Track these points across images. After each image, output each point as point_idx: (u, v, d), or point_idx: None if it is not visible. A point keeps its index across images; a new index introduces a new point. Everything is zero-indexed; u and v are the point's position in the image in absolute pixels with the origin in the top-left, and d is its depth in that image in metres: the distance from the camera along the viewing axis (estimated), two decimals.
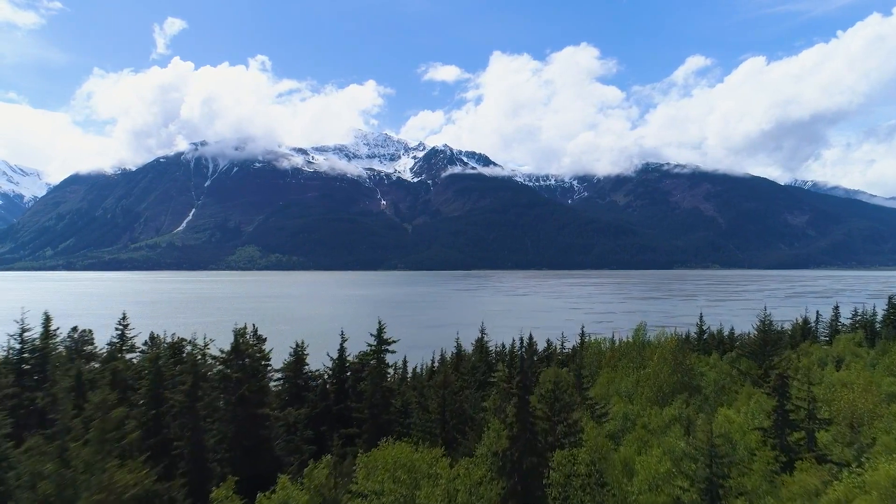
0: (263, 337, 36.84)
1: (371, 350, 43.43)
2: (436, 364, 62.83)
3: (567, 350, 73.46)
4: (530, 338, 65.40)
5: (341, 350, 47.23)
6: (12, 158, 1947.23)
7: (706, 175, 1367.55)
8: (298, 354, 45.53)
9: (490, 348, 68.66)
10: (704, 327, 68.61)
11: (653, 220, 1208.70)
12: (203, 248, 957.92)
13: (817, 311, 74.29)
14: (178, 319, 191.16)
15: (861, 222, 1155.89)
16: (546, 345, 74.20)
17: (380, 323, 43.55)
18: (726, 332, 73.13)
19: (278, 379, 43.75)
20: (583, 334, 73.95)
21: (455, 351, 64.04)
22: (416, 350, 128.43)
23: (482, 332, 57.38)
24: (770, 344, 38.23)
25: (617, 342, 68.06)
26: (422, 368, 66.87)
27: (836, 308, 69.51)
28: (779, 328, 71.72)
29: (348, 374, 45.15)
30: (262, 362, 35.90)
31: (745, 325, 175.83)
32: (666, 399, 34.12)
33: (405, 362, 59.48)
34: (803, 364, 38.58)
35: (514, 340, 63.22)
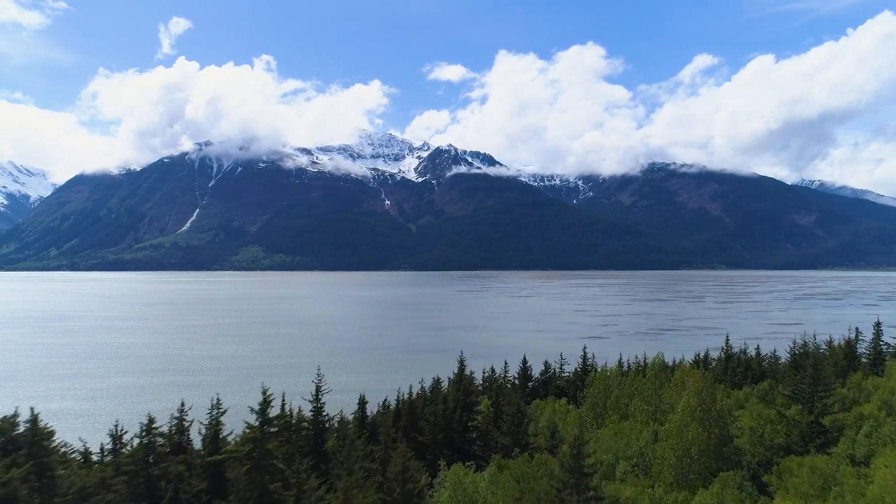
0: (48, 429, 20.50)
1: (251, 432, 24.05)
2: (402, 402, 47.40)
3: (567, 374, 65.10)
4: (524, 362, 58.75)
5: (214, 425, 28.37)
6: (18, 159, 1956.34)
7: (713, 175, 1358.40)
8: (152, 436, 26.44)
9: (476, 377, 56.23)
10: (731, 350, 60.15)
11: (659, 220, 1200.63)
12: (207, 249, 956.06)
13: (857, 329, 63.98)
14: (180, 322, 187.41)
15: (869, 222, 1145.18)
16: (543, 367, 65.85)
17: (265, 394, 25.62)
18: (752, 351, 64.80)
19: (124, 473, 25.10)
20: (585, 358, 64.79)
21: (430, 387, 50.73)
22: (415, 355, 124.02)
23: (461, 363, 46.90)
24: (821, 383, 31.57)
25: (626, 366, 59.91)
26: (400, 399, 50.81)
27: (878, 325, 57.73)
28: (812, 347, 62.42)
29: (224, 460, 26.25)
30: (46, 473, 19.21)
31: (755, 328, 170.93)
32: (695, 466, 27.06)
33: (364, 402, 43.26)
34: (866, 411, 32.41)
35: (505, 365, 56.67)
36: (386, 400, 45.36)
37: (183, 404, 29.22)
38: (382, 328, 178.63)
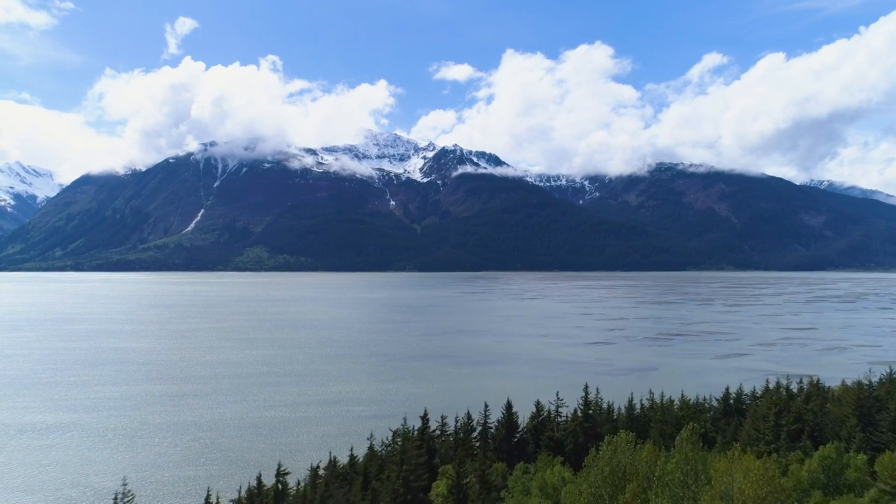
0: None
1: None
2: (315, 487, 37.18)
3: (563, 418, 49.98)
4: (509, 408, 46.22)
5: None
6: (26, 159, 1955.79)
7: (721, 175, 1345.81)
8: None
9: (448, 423, 44.67)
10: (780, 394, 45.03)
11: (666, 221, 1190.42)
12: (211, 249, 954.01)
13: None
14: (183, 326, 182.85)
15: (880, 223, 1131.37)
16: (535, 409, 51.46)
17: None
18: (794, 383, 52.67)
19: None
20: (587, 401, 48.76)
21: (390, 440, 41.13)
22: (413, 362, 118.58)
23: (406, 434, 38.27)
24: None
25: (640, 405, 48.61)
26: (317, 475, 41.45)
27: None
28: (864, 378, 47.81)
29: None
30: None
31: (768, 333, 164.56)
32: None
33: (283, 474, 34.82)
34: None
35: (485, 408, 45.83)
36: (333, 454, 34.82)
37: None
38: (383, 332, 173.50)
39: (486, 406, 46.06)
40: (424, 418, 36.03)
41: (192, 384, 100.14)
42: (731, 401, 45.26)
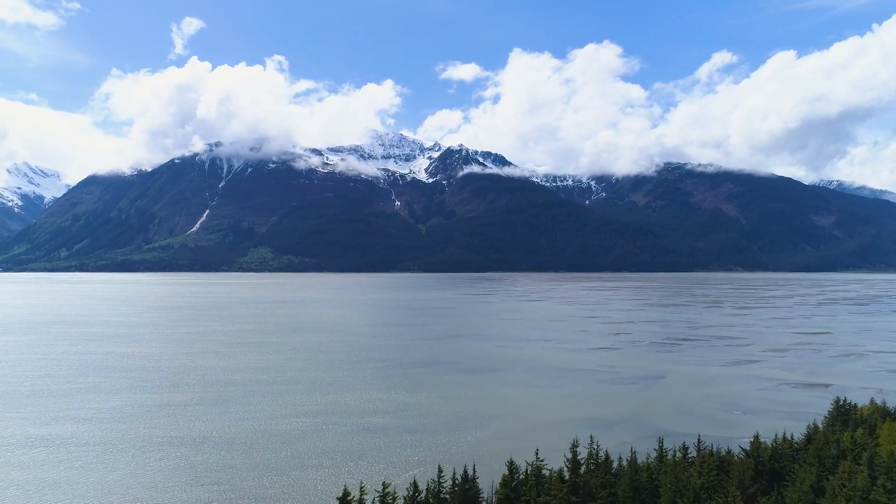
0: None
1: None
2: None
3: (547, 470, 36.53)
4: (468, 477, 34.41)
5: None
6: (33, 160, 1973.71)
7: (729, 175, 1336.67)
8: None
9: (397, 491, 34.45)
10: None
11: (673, 221, 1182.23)
12: (216, 250, 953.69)
13: None
14: (186, 328, 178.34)
15: (890, 223, 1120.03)
16: (507, 469, 37.71)
17: None
18: (837, 428, 39.50)
19: None
20: (575, 459, 35.95)
21: None
22: (409, 368, 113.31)
23: (339, 500, 30.25)
24: None
25: (647, 455, 37.67)
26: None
27: None
28: None
29: None
30: None
31: (780, 337, 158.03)
32: None
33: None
34: None
35: (439, 474, 34.71)
36: None
37: None
38: (383, 336, 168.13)
39: (441, 470, 35.45)
40: (345, 500, 27.48)
41: (177, 393, 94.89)
42: (763, 458, 35.49)
